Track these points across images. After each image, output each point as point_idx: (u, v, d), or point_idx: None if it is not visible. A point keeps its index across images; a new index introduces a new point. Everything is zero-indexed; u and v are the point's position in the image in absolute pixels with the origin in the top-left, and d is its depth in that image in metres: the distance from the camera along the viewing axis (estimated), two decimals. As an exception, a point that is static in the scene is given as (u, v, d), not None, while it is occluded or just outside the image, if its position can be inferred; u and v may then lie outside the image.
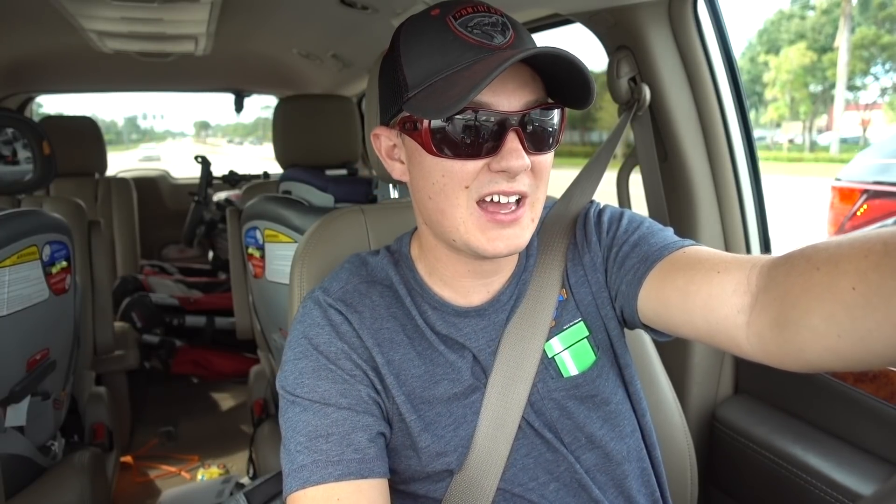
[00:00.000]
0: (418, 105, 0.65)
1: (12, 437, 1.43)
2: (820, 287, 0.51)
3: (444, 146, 0.66)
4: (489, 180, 0.66)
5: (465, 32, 0.65)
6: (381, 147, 0.76)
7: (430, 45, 0.66)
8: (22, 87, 3.20)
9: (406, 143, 0.72)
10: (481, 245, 0.68)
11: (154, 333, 2.96)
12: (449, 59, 0.64)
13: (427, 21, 0.68)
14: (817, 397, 1.15)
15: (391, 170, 0.76)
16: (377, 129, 0.76)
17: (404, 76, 0.67)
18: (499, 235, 0.68)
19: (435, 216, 0.70)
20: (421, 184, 0.70)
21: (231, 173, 3.49)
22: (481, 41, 0.64)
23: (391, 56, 0.70)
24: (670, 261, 0.71)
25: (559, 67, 0.64)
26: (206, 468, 2.41)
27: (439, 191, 0.68)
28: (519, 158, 0.65)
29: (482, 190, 0.67)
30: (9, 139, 1.76)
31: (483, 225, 0.68)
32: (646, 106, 1.25)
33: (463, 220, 0.68)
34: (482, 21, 0.66)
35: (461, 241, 0.69)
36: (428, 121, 0.65)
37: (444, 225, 0.70)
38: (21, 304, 1.40)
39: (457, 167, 0.66)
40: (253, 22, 2.20)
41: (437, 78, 0.65)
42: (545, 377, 0.77)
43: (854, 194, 3.13)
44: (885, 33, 22.88)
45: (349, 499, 0.66)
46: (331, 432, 0.68)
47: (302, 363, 0.72)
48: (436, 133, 0.66)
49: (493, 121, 0.65)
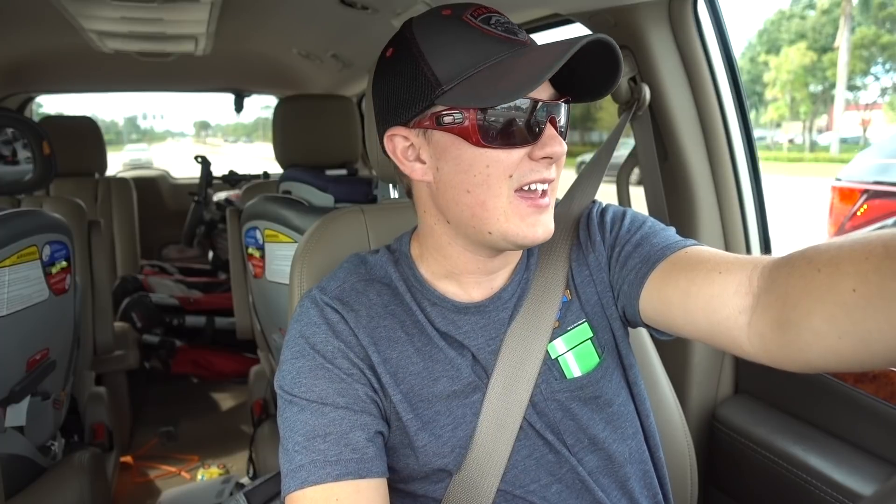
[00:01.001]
0: (464, 96, 0.66)
1: (12, 437, 1.43)
2: (821, 289, 0.52)
3: (491, 136, 0.67)
4: (530, 169, 0.68)
5: (491, 29, 0.67)
6: (396, 148, 0.74)
7: (457, 41, 0.67)
8: (22, 87, 3.20)
9: (436, 139, 0.70)
10: (522, 232, 0.69)
11: (154, 333, 2.95)
12: (483, 52, 0.66)
13: (444, 20, 0.69)
14: (817, 397, 1.14)
15: (411, 171, 0.73)
16: (393, 130, 0.73)
17: (432, 71, 0.67)
18: (537, 221, 0.70)
19: (472, 210, 0.70)
20: (458, 178, 0.69)
21: (231, 173, 3.49)
22: (509, 36, 0.67)
23: (407, 55, 0.69)
24: (672, 261, 0.71)
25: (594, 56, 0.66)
26: (206, 468, 2.41)
27: (482, 182, 0.68)
28: (560, 144, 0.68)
29: (523, 179, 0.68)
30: (9, 139, 1.76)
31: (523, 212, 0.69)
32: (646, 106, 1.25)
33: (504, 211, 0.69)
34: (500, 20, 0.69)
35: (499, 232, 0.70)
36: (474, 111, 0.66)
37: (482, 217, 0.70)
38: (21, 304, 1.40)
39: (503, 156, 0.67)
40: (253, 22, 2.21)
41: (475, 70, 0.66)
42: (548, 378, 0.77)
43: (854, 194, 3.13)
44: (885, 33, 22.87)
45: (348, 499, 0.65)
46: (328, 432, 0.68)
47: (299, 362, 0.72)
48: (482, 123, 0.66)
49: (536, 109, 0.67)
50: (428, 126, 0.69)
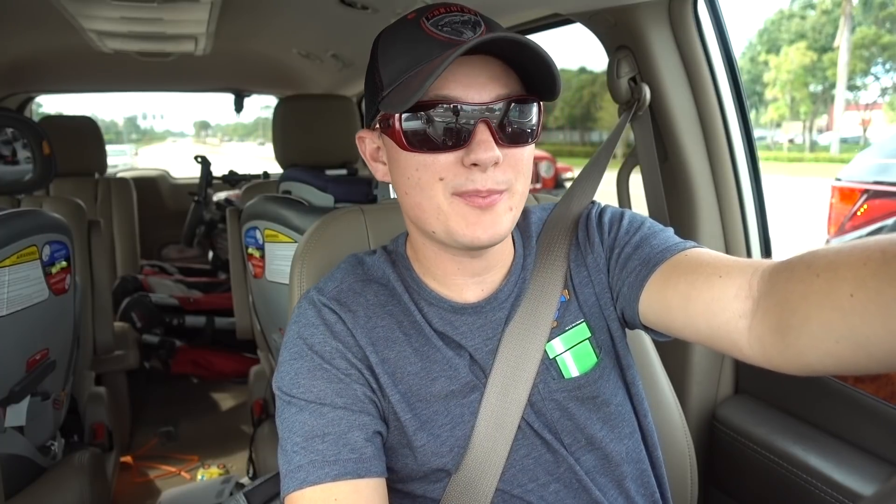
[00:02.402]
0: (389, 102, 0.67)
1: (12, 437, 1.43)
2: (819, 293, 0.52)
3: (415, 140, 0.67)
4: (465, 178, 0.67)
5: (435, 31, 0.67)
6: (366, 150, 0.77)
7: (402, 46, 0.69)
8: (22, 87, 3.20)
9: (385, 142, 0.73)
10: (460, 230, 0.68)
11: (154, 333, 2.95)
12: (418, 56, 0.66)
13: (402, 24, 0.70)
14: (817, 397, 1.14)
15: (375, 171, 0.77)
16: (361, 133, 0.77)
17: (380, 77, 0.70)
18: (478, 221, 0.68)
19: (414, 211, 0.71)
20: (399, 181, 0.71)
21: (231, 173, 3.49)
22: (450, 37, 0.66)
23: (371, 61, 0.73)
24: (672, 264, 0.71)
25: (525, 57, 0.65)
26: (206, 468, 2.41)
27: (415, 184, 0.69)
28: (489, 150, 0.65)
29: (457, 186, 0.67)
30: (9, 139, 1.76)
31: (461, 210, 0.68)
32: (646, 106, 1.25)
33: (442, 211, 0.68)
34: (453, 20, 0.68)
35: (442, 231, 0.70)
36: (399, 116, 0.67)
37: (423, 218, 0.71)
38: (21, 304, 1.40)
39: (429, 160, 0.67)
40: (253, 22, 2.20)
41: (406, 75, 0.67)
42: (546, 378, 0.77)
43: (854, 194, 3.13)
44: (885, 33, 22.88)
45: (347, 499, 0.65)
46: (327, 432, 0.68)
47: (298, 363, 0.72)
48: (406, 128, 0.67)
49: (461, 113, 0.65)
50: (379, 130, 0.73)
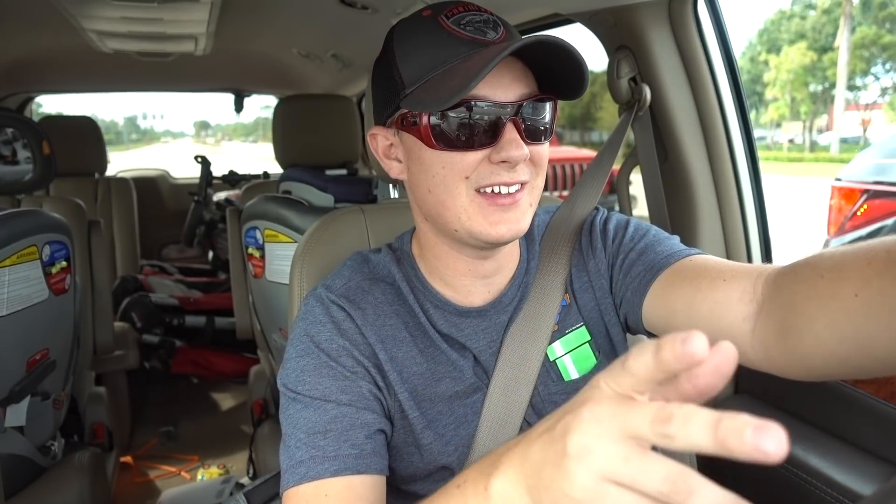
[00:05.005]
0: (417, 100, 0.67)
1: (12, 437, 1.43)
2: (824, 294, 0.52)
3: (443, 139, 0.67)
4: (490, 172, 0.68)
5: (458, 29, 0.67)
6: (377, 147, 0.77)
7: (425, 43, 0.68)
8: (22, 87, 3.20)
9: (404, 139, 0.73)
10: (484, 229, 0.69)
11: (154, 333, 2.95)
12: (444, 55, 0.66)
13: (419, 21, 0.70)
14: (817, 397, 1.14)
15: (389, 169, 0.77)
16: (374, 130, 0.77)
17: (400, 74, 0.69)
18: (501, 219, 0.69)
19: (436, 209, 0.71)
20: (420, 178, 0.71)
21: (231, 173, 3.49)
22: (474, 37, 0.67)
23: (385, 57, 0.72)
24: (676, 269, 0.71)
25: (554, 57, 0.65)
26: (206, 468, 2.41)
27: (439, 182, 0.69)
28: (518, 148, 0.66)
29: (482, 181, 0.68)
30: (9, 139, 1.76)
31: (485, 210, 0.68)
32: (646, 106, 1.25)
33: (464, 208, 0.69)
34: (474, 18, 0.68)
35: (464, 230, 0.70)
36: (427, 115, 0.67)
37: (445, 216, 0.70)
38: (21, 304, 1.40)
39: (456, 159, 0.67)
40: (253, 22, 2.20)
41: (433, 73, 0.66)
42: (546, 380, 0.78)
43: (854, 194, 3.13)
44: (885, 33, 22.88)
45: (338, 495, 0.65)
46: (329, 429, 0.68)
47: (304, 360, 0.72)
48: (435, 126, 0.67)
49: (491, 112, 0.66)
50: (398, 127, 0.72)
